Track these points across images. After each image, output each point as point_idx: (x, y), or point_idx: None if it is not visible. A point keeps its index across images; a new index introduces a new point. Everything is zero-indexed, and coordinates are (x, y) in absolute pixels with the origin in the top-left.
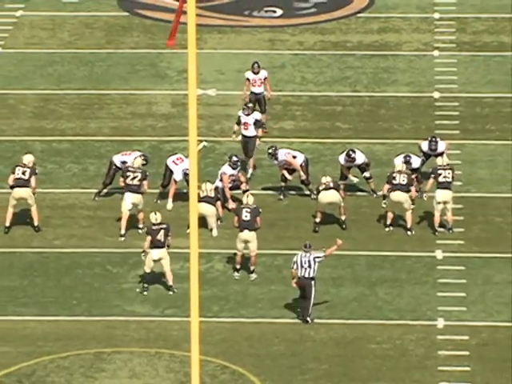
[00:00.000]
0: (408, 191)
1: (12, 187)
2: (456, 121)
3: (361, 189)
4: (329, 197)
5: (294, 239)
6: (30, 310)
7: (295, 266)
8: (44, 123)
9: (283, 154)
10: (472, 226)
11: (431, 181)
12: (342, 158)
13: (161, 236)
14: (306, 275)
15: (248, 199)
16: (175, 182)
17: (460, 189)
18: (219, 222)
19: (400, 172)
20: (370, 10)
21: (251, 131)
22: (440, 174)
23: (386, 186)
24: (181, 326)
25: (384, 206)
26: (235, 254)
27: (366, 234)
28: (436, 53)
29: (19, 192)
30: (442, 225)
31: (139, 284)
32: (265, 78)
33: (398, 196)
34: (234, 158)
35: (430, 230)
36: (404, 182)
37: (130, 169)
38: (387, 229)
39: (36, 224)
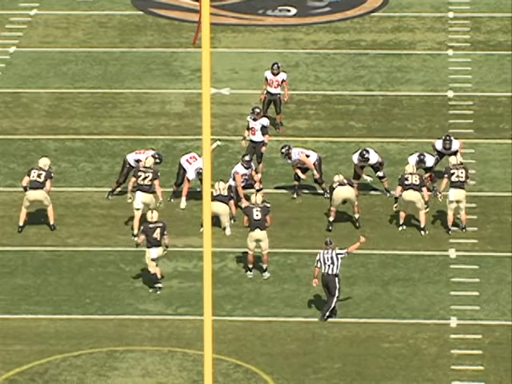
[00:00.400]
0: (420, 191)
1: (25, 189)
2: (470, 120)
3: (374, 188)
4: (344, 192)
5: (307, 238)
6: (43, 308)
7: (319, 264)
8: (58, 122)
9: (297, 153)
10: (485, 225)
11: (445, 180)
12: (355, 158)
13: (157, 234)
14: (330, 272)
15: (256, 198)
16: (188, 180)
17: (473, 188)
18: (232, 221)
19: (412, 173)
20: (383, 9)
21: (258, 136)
22: (453, 174)
23: (399, 188)
24: (194, 324)
25: (395, 209)
26: (246, 253)
27: (379, 233)
28: (450, 52)
29: (34, 194)
30: (455, 224)
31: (150, 285)
32: (283, 81)
33: (410, 195)
34: (247, 158)
35: (443, 229)
36: (417, 182)
37: (141, 168)
38: (400, 228)
39: (52, 223)
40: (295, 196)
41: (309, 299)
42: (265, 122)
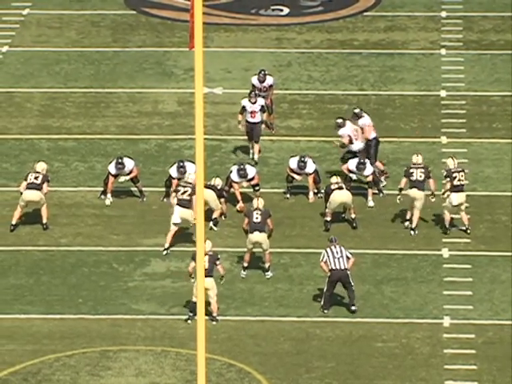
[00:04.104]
0: (423, 190)
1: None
2: (463, 119)
3: (366, 187)
4: (342, 197)
5: (300, 237)
6: (35, 308)
7: (324, 258)
8: (50, 121)
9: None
10: (478, 225)
11: (448, 185)
12: (352, 165)
13: (205, 263)
14: (341, 266)
15: (259, 202)
16: (172, 178)
17: (466, 187)
18: (223, 217)
19: (417, 167)
20: (376, 8)
21: (258, 118)
22: (455, 178)
23: (404, 180)
24: (187, 324)
25: (398, 201)
26: (239, 253)
27: (372, 233)
28: (443, 51)
29: (29, 195)
30: (453, 224)
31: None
32: (270, 86)
33: (414, 193)
34: (242, 166)
35: (436, 229)
36: (421, 178)
37: (181, 183)
38: (407, 223)
39: (44, 222)
40: (288, 196)
41: (302, 299)
42: (262, 101)
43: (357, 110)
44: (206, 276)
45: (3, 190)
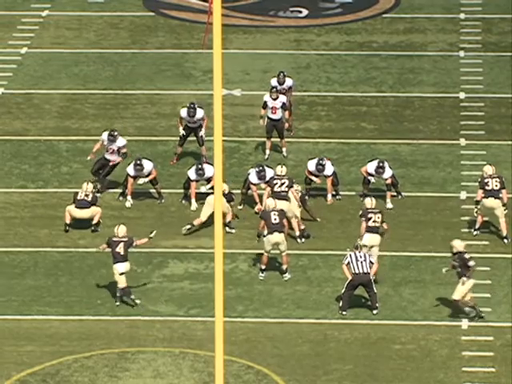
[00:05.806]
0: (500, 198)
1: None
2: (481, 121)
3: (384, 190)
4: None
5: (318, 239)
6: (54, 309)
7: (347, 261)
8: (69, 123)
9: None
10: (497, 227)
11: (480, 191)
12: (371, 167)
13: (120, 249)
14: (363, 270)
15: (275, 202)
16: (190, 180)
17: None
18: (236, 220)
19: (491, 176)
20: (395, 10)
21: (279, 114)
22: (370, 218)
23: (480, 192)
24: (205, 325)
25: (476, 214)
26: (257, 254)
27: (390, 235)
28: (462, 53)
29: (79, 213)
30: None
31: (116, 299)
32: (289, 88)
33: (491, 202)
34: (260, 168)
35: (454, 231)
36: (497, 188)
37: (276, 176)
38: (475, 233)
39: (94, 222)
40: (306, 198)
41: (320, 301)
42: (284, 98)
43: (115, 133)
44: (123, 261)
45: (22, 192)
